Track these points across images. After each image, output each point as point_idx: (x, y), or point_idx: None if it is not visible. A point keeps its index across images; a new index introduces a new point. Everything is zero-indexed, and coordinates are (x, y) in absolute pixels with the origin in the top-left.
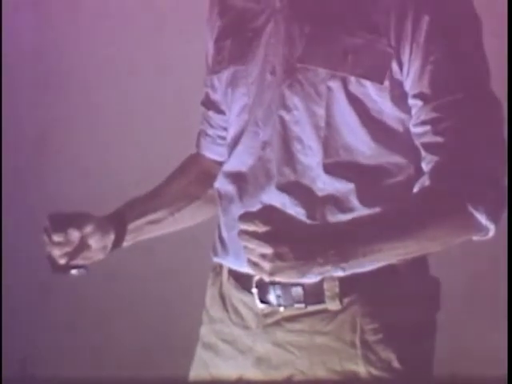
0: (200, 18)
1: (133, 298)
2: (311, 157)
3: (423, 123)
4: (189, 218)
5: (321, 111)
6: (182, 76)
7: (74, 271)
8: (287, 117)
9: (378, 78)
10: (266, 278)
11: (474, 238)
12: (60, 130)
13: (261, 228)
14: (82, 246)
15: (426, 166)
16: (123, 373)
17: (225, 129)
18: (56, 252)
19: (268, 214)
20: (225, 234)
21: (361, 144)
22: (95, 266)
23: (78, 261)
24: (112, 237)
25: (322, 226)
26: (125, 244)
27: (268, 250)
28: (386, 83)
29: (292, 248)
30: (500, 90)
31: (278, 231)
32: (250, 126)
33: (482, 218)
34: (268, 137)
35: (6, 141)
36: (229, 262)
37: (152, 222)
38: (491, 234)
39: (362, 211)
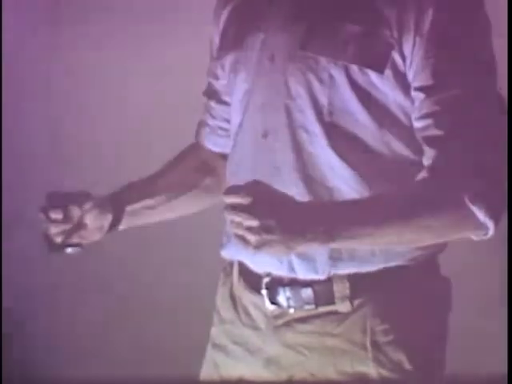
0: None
1: (135, 298)
2: (316, 144)
3: (425, 116)
4: (185, 206)
5: (323, 99)
6: (190, 76)
7: (69, 250)
8: (292, 105)
9: (378, 68)
10: (252, 252)
11: (474, 237)
12: (72, 130)
13: (247, 200)
14: (79, 224)
15: (426, 161)
16: (124, 373)
17: (226, 120)
18: (53, 229)
19: (255, 187)
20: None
21: (365, 132)
22: (96, 266)
23: (74, 240)
24: (109, 217)
25: (312, 202)
26: (121, 227)
27: (254, 223)
28: (388, 73)
29: (279, 221)
30: (501, 88)
31: (265, 204)
32: (249, 112)
33: (480, 214)
34: (269, 124)
35: (15, 137)
36: (238, 256)
37: (149, 206)
38: (491, 233)
39: None
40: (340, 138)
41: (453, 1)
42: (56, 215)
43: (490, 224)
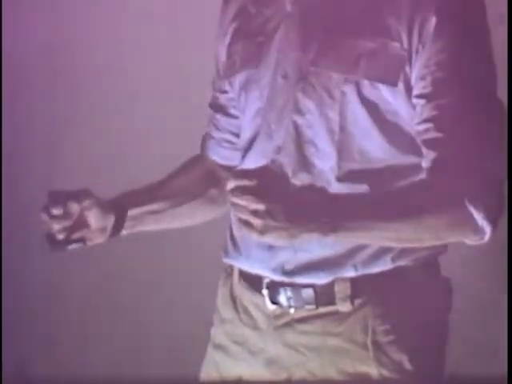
0: (211, 18)
1: (136, 298)
2: (325, 160)
3: (425, 121)
4: (188, 215)
5: (334, 115)
6: (194, 77)
7: (72, 246)
8: (300, 121)
9: (391, 81)
10: (256, 237)
11: (469, 242)
12: (71, 130)
13: (253, 184)
14: (81, 222)
15: (425, 163)
16: (124, 373)
17: (232, 132)
18: (55, 226)
19: (262, 172)
20: (236, 234)
21: (375, 147)
22: (97, 267)
23: (76, 236)
24: (112, 219)
25: (316, 193)
26: (123, 232)
27: (260, 206)
28: (400, 85)
29: (284, 207)
30: (500, 90)
31: (271, 188)
32: (262, 129)
33: (478, 217)
34: (281, 140)
35: (16, 140)
36: (240, 263)
37: (152, 212)
38: (487, 237)
39: None
40: (349, 158)
41: (455, 10)
42: (57, 211)
43: (487, 228)
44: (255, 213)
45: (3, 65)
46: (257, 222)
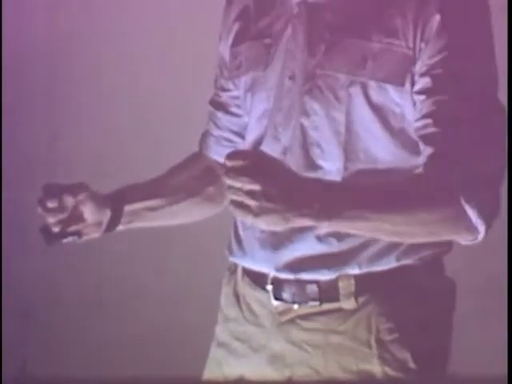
0: (211, 18)
1: (137, 298)
2: (331, 162)
3: (424, 116)
4: (186, 212)
5: (341, 117)
6: (194, 76)
7: (67, 239)
8: (306, 122)
9: (398, 81)
10: (250, 222)
11: (463, 242)
12: (71, 131)
13: (249, 164)
14: (77, 216)
15: (422, 159)
16: (125, 373)
17: (231, 131)
18: (50, 219)
19: (257, 153)
20: (241, 233)
21: (381, 148)
22: (97, 267)
23: (71, 229)
24: (108, 214)
25: (311, 178)
26: (120, 227)
27: (256, 187)
28: (407, 85)
29: (280, 189)
30: (500, 90)
31: (267, 170)
32: (269, 130)
33: (473, 215)
34: (288, 142)
35: (18, 140)
36: (245, 262)
37: (150, 208)
38: (480, 237)
39: None
40: (355, 160)
41: (459, 9)
42: (52, 204)
43: (481, 226)
44: (250, 194)
45: (3, 64)
46: (251, 203)
